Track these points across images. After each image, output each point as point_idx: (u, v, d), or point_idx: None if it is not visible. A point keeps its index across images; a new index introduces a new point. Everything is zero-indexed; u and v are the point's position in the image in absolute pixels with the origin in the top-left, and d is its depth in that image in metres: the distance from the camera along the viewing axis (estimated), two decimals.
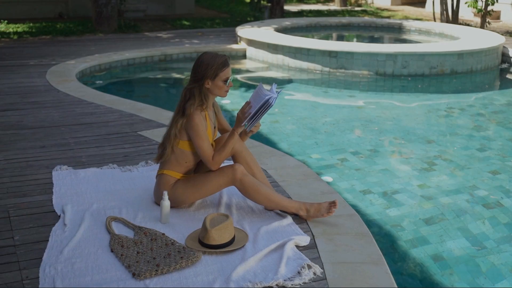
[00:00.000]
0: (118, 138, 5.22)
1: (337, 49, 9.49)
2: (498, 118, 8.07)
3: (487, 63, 10.10)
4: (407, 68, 9.39)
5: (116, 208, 3.80)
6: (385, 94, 9.23)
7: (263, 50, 10.27)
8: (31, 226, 3.55)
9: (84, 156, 4.75)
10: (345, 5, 21.06)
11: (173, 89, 9.57)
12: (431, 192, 5.55)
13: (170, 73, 10.25)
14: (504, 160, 6.44)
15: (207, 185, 3.70)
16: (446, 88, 9.59)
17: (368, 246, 3.42)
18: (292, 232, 3.52)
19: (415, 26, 13.22)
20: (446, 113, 8.32)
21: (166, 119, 5.84)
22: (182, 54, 10.42)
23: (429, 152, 6.67)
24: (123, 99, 6.78)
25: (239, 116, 3.65)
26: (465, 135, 7.34)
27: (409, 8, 21.41)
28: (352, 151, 6.59)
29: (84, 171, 4.40)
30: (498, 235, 4.80)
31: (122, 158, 4.73)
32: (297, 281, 2.99)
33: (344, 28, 13.52)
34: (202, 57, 3.70)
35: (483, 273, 4.26)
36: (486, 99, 9.15)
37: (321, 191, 4.20)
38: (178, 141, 3.69)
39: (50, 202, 3.89)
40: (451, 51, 9.53)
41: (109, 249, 3.29)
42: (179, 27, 14.05)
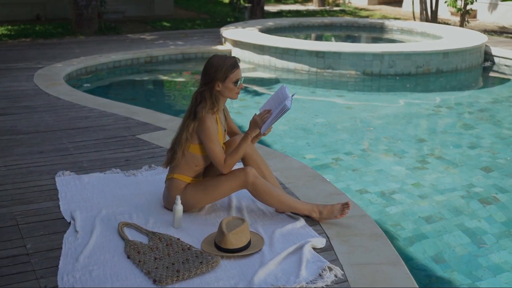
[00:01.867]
0: (117, 142, 5.16)
1: (324, 49, 9.52)
2: (486, 116, 8.18)
3: (471, 61, 10.23)
4: (394, 68, 9.46)
5: (126, 214, 3.75)
6: (373, 94, 9.29)
7: (249, 51, 10.26)
8: (42, 233, 3.49)
9: (85, 161, 4.68)
10: (323, 5, 21.14)
11: (160, 91, 9.51)
12: (427, 191, 5.59)
13: (156, 75, 10.18)
14: (495, 157, 6.52)
15: (218, 189, 3.67)
16: (432, 87, 9.69)
17: (384, 247, 3.43)
18: (307, 235, 3.51)
19: (397, 25, 13.33)
20: (434, 112, 8.40)
21: (162, 122, 5.80)
22: (168, 55, 10.35)
23: (420, 151, 6.73)
24: (115, 102, 6.71)
25: (257, 120, 3.62)
26: (454, 133, 7.42)
27: (386, 7, 21.57)
28: (346, 151, 6.61)
29: (88, 176, 4.34)
30: (495, 231, 4.86)
31: (124, 163, 4.67)
32: (320, 283, 2.98)
33: (326, 28, 13.57)
34: (212, 60, 3.67)
35: (483, 269, 4.31)
36: (472, 97, 9.27)
37: (329, 192, 4.21)
38: (189, 144, 3.66)
39: (57, 208, 3.82)
40: (437, 50, 9.63)
41: (125, 255, 3.25)
42: (160, 29, 13.95)
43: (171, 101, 8.98)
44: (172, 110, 8.08)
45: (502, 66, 10.82)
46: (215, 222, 3.68)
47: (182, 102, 8.89)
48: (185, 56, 10.52)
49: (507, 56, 10.65)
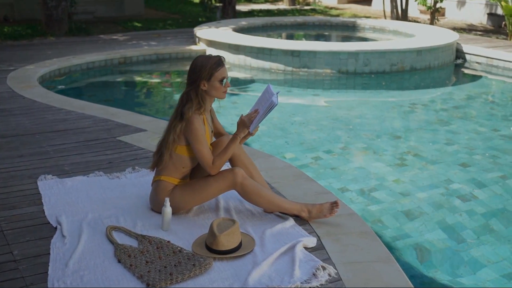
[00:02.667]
0: (98, 145, 5.09)
1: (299, 49, 9.54)
2: (460, 112, 8.29)
3: (444, 59, 10.36)
4: (369, 66, 9.53)
5: (113, 217, 3.70)
6: (349, 92, 9.35)
7: (224, 50, 10.22)
8: (28, 239, 3.42)
9: (66, 164, 4.61)
10: (293, 4, 21.22)
11: (135, 92, 9.41)
12: (407, 188, 5.64)
13: (131, 75, 10.08)
14: (472, 153, 6.61)
15: (207, 190, 3.64)
16: (406, 84, 9.79)
17: (375, 245, 3.45)
18: (298, 234, 3.51)
19: (369, 24, 13.43)
20: (409, 109, 8.48)
21: (143, 124, 5.74)
22: (142, 56, 10.26)
23: (398, 148, 6.79)
24: (93, 104, 6.63)
25: (244, 121, 3.61)
26: (430, 130, 7.50)
27: (356, 6, 21.75)
28: (325, 150, 6.64)
29: (71, 179, 4.27)
30: (474, 225, 4.92)
31: (106, 165, 4.61)
32: (315, 283, 2.98)
33: (299, 27, 13.61)
34: (196, 60, 3.65)
35: (464, 264, 4.36)
36: (446, 94, 9.39)
37: (315, 191, 4.21)
38: (176, 146, 3.63)
39: (42, 213, 3.75)
40: (410, 48, 9.73)
41: (115, 259, 3.20)
42: (132, 29, 13.83)
43: (147, 102, 8.91)
44: (149, 111, 8.01)
45: (473, 63, 10.98)
46: (204, 224, 3.65)
47: (158, 103, 8.83)
48: (159, 56, 10.44)
49: (478, 53, 10.81)
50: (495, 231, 4.82)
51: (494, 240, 4.70)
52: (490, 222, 4.99)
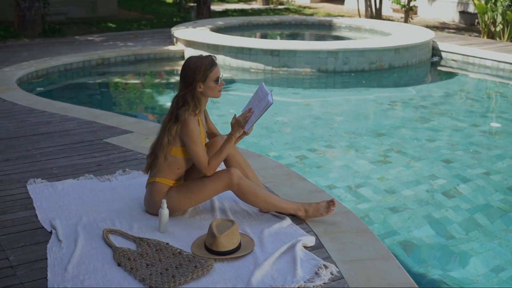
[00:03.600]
0: (84, 147, 5.02)
1: (279, 48, 9.55)
2: (439, 109, 8.39)
3: (421, 57, 10.48)
4: (348, 65, 9.59)
5: (108, 220, 3.65)
6: (329, 91, 9.39)
7: (202, 50, 10.16)
8: (24, 244, 3.35)
9: (54, 168, 4.54)
10: (267, 4, 21.24)
11: (115, 93, 9.32)
12: (392, 184, 5.70)
13: (109, 77, 9.98)
14: (454, 149, 6.70)
15: (203, 191, 3.62)
16: (385, 82, 9.88)
17: (373, 242, 3.47)
18: (296, 233, 3.51)
19: (345, 23, 13.51)
20: (390, 107, 8.56)
21: (128, 125, 5.68)
22: (120, 57, 10.16)
23: (382, 146, 6.84)
24: (76, 106, 6.54)
25: (239, 120, 3.59)
26: (411, 127, 7.58)
27: (329, 5, 21.86)
28: (309, 148, 6.66)
29: (61, 183, 4.21)
30: (461, 220, 4.99)
31: (95, 168, 4.55)
32: (318, 282, 2.99)
33: (276, 26, 13.62)
34: (188, 62, 3.62)
35: (453, 259, 4.42)
36: (424, 91, 9.49)
37: (308, 190, 4.22)
38: (171, 147, 3.59)
39: (34, 218, 3.69)
40: (389, 47, 9.82)
41: (115, 263, 3.16)
42: (106, 30, 13.70)
43: (127, 103, 8.83)
44: (129, 112, 7.95)
45: (449, 60, 11.13)
46: (201, 225, 3.63)
47: (138, 104, 8.76)
48: (137, 57, 10.36)
49: (454, 51, 10.96)
50: (481, 226, 4.90)
51: (481, 234, 4.77)
52: (475, 217, 5.06)
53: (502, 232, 4.81)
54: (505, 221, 4.99)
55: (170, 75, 10.31)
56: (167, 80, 9.98)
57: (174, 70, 10.40)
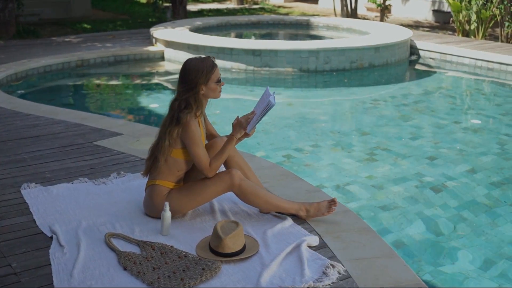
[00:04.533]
0: (75, 150, 4.96)
1: (260, 48, 9.56)
2: (420, 107, 8.49)
3: (400, 55, 10.59)
4: (329, 64, 9.65)
5: (108, 224, 3.62)
6: (311, 90, 9.43)
7: (183, 51, 10.14)
8: (25, 250, 3.30)
9: (47, 172, 4.47)
10: (242, 3, 21.23)
11: (95, 95, 9.22)
12: (380, 182, 5.75)
13: (89, 78, 9.87)
14: (437, 146, 6.79)
15: (204, 193, 3.61)
16: (366, 81, 9.96)
17: (376, 241, 3.49)
18: (299, 233, 3.52)
19: (322, 22, 13.57)
20: (372, 105, 8.63)
21: (117, 127, 5.63)
22: (100, 58, 10.06)
23: (367, 144, 6.89)
24: (61, 109, 6.46)
25: (241, 121, 3.58)
26: (395, 125, 7.66)
27: (303, 4, 21.94)
28: (295, 148, 6.68)
29: (56, 187, 4.15)
30: (449, 216, 5.06)
31: (89, 171, 4.50)
32: (327, 281, 3.00)
33: (254, 26, 13.62)
34: (189, 65, 3.59)
35: (443, 254, 4.48)
36: (404, 89, 9.60)
37: (306, 189, 4.23)
38: (172, 149, 3.57)
39: (32, 223, 3.64)
40: (369, 46, 9.90)
41: (121, 267, 3.13)
42: (81, 31, 13.56)
43: (108, 104, 8.74)
44: (112, 114, 7.88)
45: (427, 59, 11.27)
46: (203, 227, 3.62)
47: (119, 105, 8.69)
48: (117, 58, 10.27)
49: (432, 49, 11.10)
50: (469, 221, 4.97)
51: (469, 230, 4.84)
52: (463, 212, 5.13)
53: (489, 227, 4.89)
54: (492, 216, 5.07)
55: (151, 75, 10.24)
56: (148, 81, 9.91)
57: (154, 70, 10.34)
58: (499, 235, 4.73)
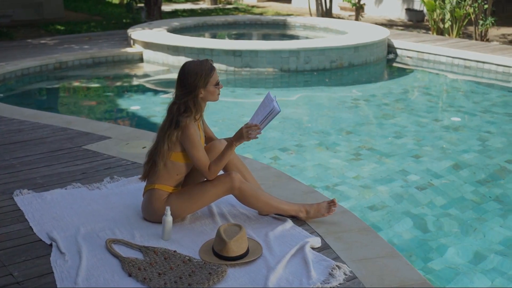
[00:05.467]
0: (65, 155, 4.89)
1: (241, 48, 9.55)
2: (401, 106, 8.58)
3: (378, 54, 10.68)
4: (310, 64, 9.68)
5: (107, 230, 3.58)
6: (292, 90, 9.45)
7: (162, 52, 10.07)
8: (25, 259, 3.25)
9: (38, 177, 4.40)
10: (215, 3, 21.18)
11: (75, 97, 9.09)
12: (367, 182, 5.79)
13: (68, 81, 9.73)
14: (421, 144, 6.87)
15: (204, 196, 3.59)
16: (346, 80, 10.02)
17: (377, 241, 3.52)
18: (300, 235, 3.52)
19: (299, 22, 13.61)
20: (353, 105, 8.69)
21: (104, 131, 5.57)
22: (78, 60, 9.94)
23: (351, 143, 6.94)
24: (45, 112, 6.36)
25: (244, 132, 3.56)
26: (377, 124, 7.72)
27: (276, 4, 21.97)
28: (281, 148, 6.69)
29: (49, 193, 4.09)
30: (436, 213, 5.13)
31: (81, 176, 4.44)
32: (334, 283, 3.01)
33: (231, 26, 13.59)
34: (187, 68, 3.57)
35: (433, 251, 4.54)
36: (384, 88, 9.68)
37: (302, 190, 4.24)
38: (171, 153, 3.55)
39: (29, 230, 3.58)
40: (348, 45, 9.97)
41: (125, 274, 3.10)
42: (55, 33, 13.35)
43: (89, 107, 8.64)
44: (95, 117, 7.79)
45: (404, 57, 11.39)
46: (203, 230, 3.60)
47: (101, 108, 8.59)
48: (95, 60, 10.15)
49: (409, 47, 11.23)
50: (456, 218, 5.04)
51: (457, 226, 4.91)
52: (450, 209, 5.21)
53: (476, 222, 4.96)
54: (478, 212, 5.15)
55: (131, 77, 10.14)
56: (129, 83, 9.82)
57: (133, 72, 10.24)
58: (487, 230, 4.81)
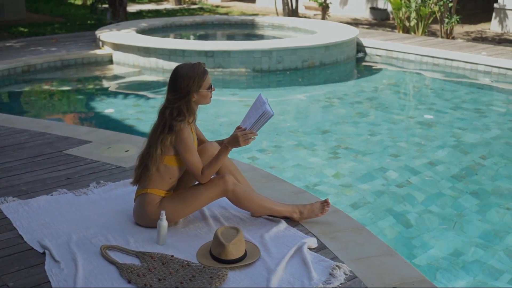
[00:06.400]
0: (46, 160, 4.79)
1: (213, 49, 9.52)
2: (374, 104, 8.67)
3: (348, 53, 10.77)
4: (282, 63, 9.70)
5: (100, 236, 3.52)
6: (265, 90, 9.45)
7: (133, 54, 9.96)
8: (18, 268, 3.17)
9: (21, 184, 4.30)
10: (179, 4, 21.05)
11: (46, 101, 8.91)
12: (347, 181, 5.84)
13: (38, 84, 9.53)
14: (396, 141, 6.96)
15: (198, 199, 3.56)
16: (318, 79, 10.08)
17: (372, 240, 3.55)
18: (296, 236, 3.53)
19: (268, 21, 13.62)
20: (327, 103, 8.74)
21: (84, 135, 5.48)
22: (46, 63, 9.74)
23: (328, 142, 6.98)
24: (20, 117, 6.23)
25: (240, 137, 3.54)
26: (352, 122, 7.79)
27: (240, 4, 21.96)
28: (258, 149, 6.69)
29: (35, 200, 4.00)
30: (417, 210, 5.20)
31: (66, 182, 4.36)
32: (336, 283, 3.02)
33: (199, 27, 13.52)
34: (180, 72, 3.52)
35: (416, 247, 4.61)
36: (355, 87, 9.77)
37: (291, 191, 4.25)
38: (164, 157, 3.51)
39: (19, 239, 3.49)
40: (320, 44, 10.02)
41: (124, 280, 3.05)
42: (18, 35, 13.08)
43: (62, 111, 8.50)
44: (70, 121, 7.67)
45: (374, 56, 11.52)
46: (198, 234, 3.57)
47: (73, 111, 8.47)
48: (64, 62, 9.97)
49: (378, 46, 11.35)
50: (436, 213, 5.12)
51: (437, 222, 4.98)
52: (430, 205, 5.29)
53: (456, 217, 5.05)
54: (456, 207, 5.25)
55: (101, 80, 10.00)
56: (100, 86, 9.68)
57: (104, 74, 10.10)
58: (466, 225, 4.90)
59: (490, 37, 14.02)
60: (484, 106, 8.62)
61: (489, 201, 5.37)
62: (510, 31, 14.72)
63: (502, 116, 8.09)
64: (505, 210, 5.18)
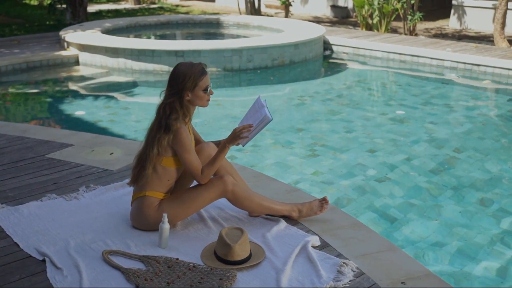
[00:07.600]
0: (29, 165, 4.67)
1: (183, 48, 9.45)
2: (345, 101, 8.75)
3: (316, 51, 10.84)
4: (252, 62, 9.70)
5: (99, 241, 3.45)
6: (236, 89, 9.45)
7: (100, 54, 9.80)
8: (19, 277, 3.08)
9: (8, 190, 4.18)
10: (139, 3, 20.82)
11: (14, 104, 8.68)
12: (327, 178, 5.88)
13: (4, 87, 9.27)
14: (372, 137, 7.04)
15: (197, 200, 3.53)
16: (288, 77, 10.11)
17: (372, 236, 3.58)
18: (297, 234, 3.53)
19: (232, 20, 13.60)
20: (299, 102, 8.77)
21: (64, 138, 5.36)
22: (11, 65, 9.51)
23: (304, 140, 7.02)
24: None
25: (237, 134, 3.52)
26: (326, 119, 7.85)
27: (200, 3, 21.86)
28: (236, 148, 6.66)
29: (25, 206, 3.89)
30: (398, 204, 5.29)
31: (53, 186, 4.26)
32: (345, 280, 3.03)
33: (164, 26, 13.40)
34: (178, 69, 3.50)
35: (400, 241, 4.68)
36: (325, 84, 9.84)
37: (284, 190, 4.25)
38: (162, 158, 3.46)
39: (14, 247, 3.39)
40: (289, 43, 10.06)
41: (131, 285, 3.00)
42: None
43: (31, 114, 8.31)
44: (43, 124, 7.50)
45: (340, 53, 11.62)
46: (198, 236, 3.54)
47: (43, 114, 8.28)
48: (29, 64, 9.74)
49: (344, 44, 11.46)
50: (417, 207, 5.20)
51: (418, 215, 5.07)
52: (410, 199, 5.37)
53: (435, 210, 5.15)
54: (435, 201, 5.35)
55: (69, 81, 9.81)
56: (67, 87, 9.49)
57: (70, 76, 9.91)
58: (447, 216, 5.00)
59: (450, 34, 14.32)
60: (452, 101, 8.80)
61: (465, 192, 5.50)
62: (469, 27, 15.07)
63: (471, 110, 8.27)
64: (481, 199, 5.32)
